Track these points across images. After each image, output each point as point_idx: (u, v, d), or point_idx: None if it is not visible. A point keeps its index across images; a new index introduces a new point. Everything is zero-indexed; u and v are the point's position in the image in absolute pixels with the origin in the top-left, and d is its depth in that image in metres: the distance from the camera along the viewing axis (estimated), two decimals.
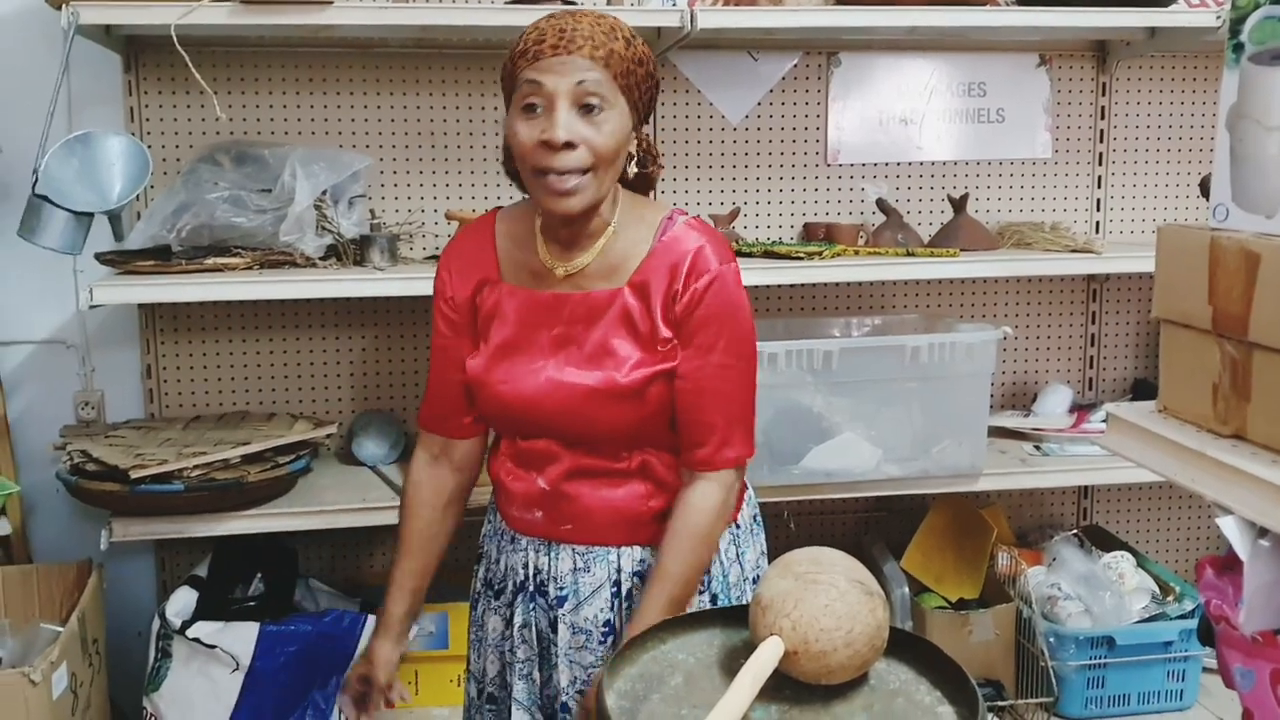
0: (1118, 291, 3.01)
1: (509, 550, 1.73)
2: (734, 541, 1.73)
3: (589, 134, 1.51)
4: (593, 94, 1.51)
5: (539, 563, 1.69)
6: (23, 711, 1.94)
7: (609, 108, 1.52)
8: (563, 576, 1.67)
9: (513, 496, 1.70)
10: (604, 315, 1.61)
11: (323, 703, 2.32)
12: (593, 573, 1.66)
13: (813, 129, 2.83)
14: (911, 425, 2.46)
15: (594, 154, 1.52)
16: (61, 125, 2.37)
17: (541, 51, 1.52)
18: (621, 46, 1.54)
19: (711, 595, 1.69)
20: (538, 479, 1.66)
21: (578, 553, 1.67)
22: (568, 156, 1.51)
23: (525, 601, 1.69)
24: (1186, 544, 3.14)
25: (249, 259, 2.32)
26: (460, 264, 1.70)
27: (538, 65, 1.52)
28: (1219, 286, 1.33)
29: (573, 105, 1.51)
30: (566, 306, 1.62)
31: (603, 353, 1.60)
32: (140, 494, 2.17)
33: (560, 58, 1.50)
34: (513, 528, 1.72)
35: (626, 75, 1.54)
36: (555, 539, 1.67)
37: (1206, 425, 1.37)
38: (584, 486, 1.64)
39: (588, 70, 1.51)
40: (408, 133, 2.66)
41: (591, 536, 1.66)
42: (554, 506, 1.66)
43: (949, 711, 1.25)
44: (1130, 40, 2.81)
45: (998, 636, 2.58)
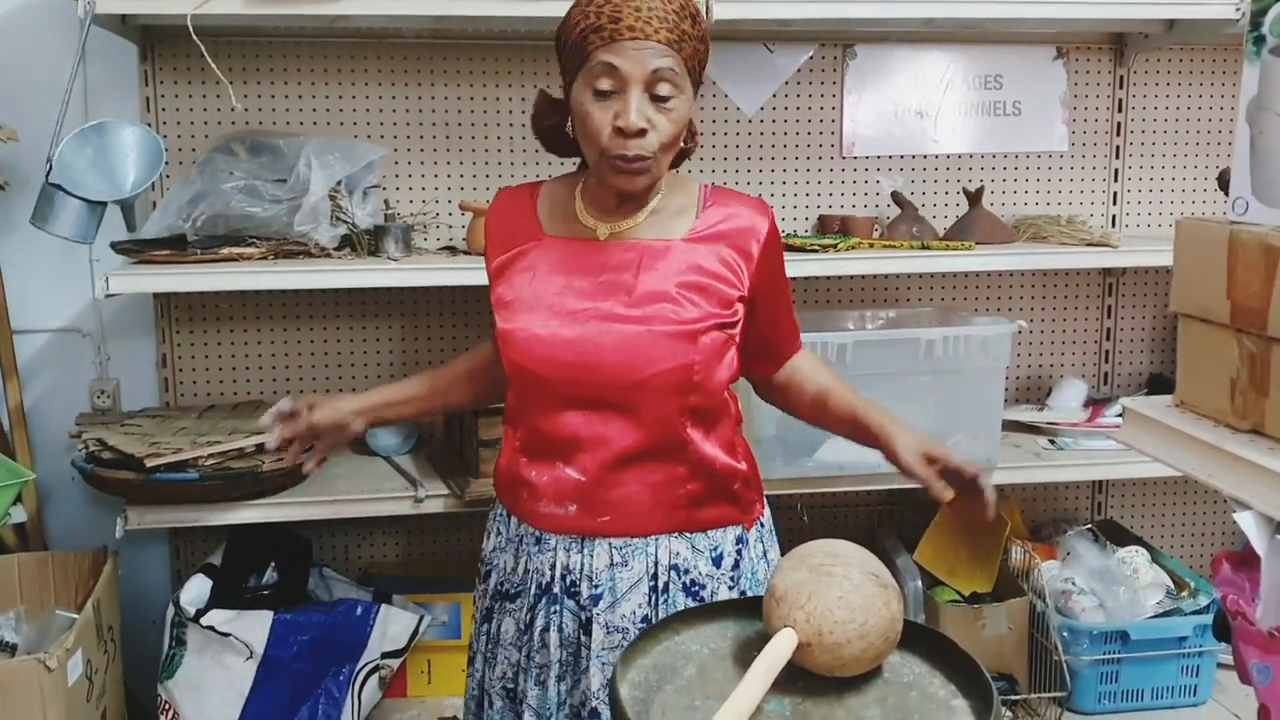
0: (1134, 285, 2.99)
1: (532, 553, 1.65)
2: (760, 539, 1.72)
3: (659, 120, 1.53)
4: (666, 80, 1.52)
5: (569, 562, 1.62)
6: (38, 698, 1.95)
7: (679, 93, 1.54)
8: (598, 574, 1.61)
9: (539, 491, 1.63)
10: (657, 263, 1.61)
11: (336, 691, 2.33)
12: (630, 567, 1.61)
13: (828, 121, 2.82)
14: (926, 418, 2.45)
15: (661, 140, 1.54)
16: (77, 114, 2.38)
17: (619, 33, 1.50)
18: (689, 25, 1.55)
19: (741, 592, 1.67)
20: (567, 469, 1.61)
21: (614, 547, 1.61)
22: (639, 142, 1.53)
23: (549, 604, 1.63)
24: (1201, 539, 3.13)
25: (264, 249, 2.32)
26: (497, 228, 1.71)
27: (613, 48, 1.51)
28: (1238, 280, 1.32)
29: (645, 90, 1.52)
30: (614, 253, 1.62)
31: (655, 297, 1.59)
32: (155, 482, 2.18)
33: (637, 42, 1.50)
34: (538, 526, 1.64)
35: (693, 56, 1.56)
36: (591, 533, 1.62)
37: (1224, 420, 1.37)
38: (626, 473, 1.60)
39: (663, 57, 1.51)
40: (422, 123, 2.66)
41: (630, 526, 1.61)
42: (591, 498, 1.60)
43: (963, 705, 1.25)
44: (1148, 32, 2.79)
45: (1011, 630, 2.57)
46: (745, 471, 1.71)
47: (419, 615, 2.45)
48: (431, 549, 2.81)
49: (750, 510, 1.72)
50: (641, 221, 1.64)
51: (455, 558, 2.79)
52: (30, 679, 1.94)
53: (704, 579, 1.65)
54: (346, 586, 2.61)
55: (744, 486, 1.70)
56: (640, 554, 1.62)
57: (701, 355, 1.58)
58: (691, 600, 1.63)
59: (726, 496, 1.67)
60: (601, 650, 1.61)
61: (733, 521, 1.68)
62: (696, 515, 1.64)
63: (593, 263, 1.62)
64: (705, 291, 1.60)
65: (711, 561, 1.66)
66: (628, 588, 1.62)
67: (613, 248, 1.63)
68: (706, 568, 1.65)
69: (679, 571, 1.63)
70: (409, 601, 2.54)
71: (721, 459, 1.65)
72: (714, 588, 1.65)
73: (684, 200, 1.67)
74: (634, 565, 1.62)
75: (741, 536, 1.69)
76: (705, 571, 1.65)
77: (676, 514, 1.63)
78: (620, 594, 1.62)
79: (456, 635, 2.54)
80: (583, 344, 1.57)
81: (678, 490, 1.63)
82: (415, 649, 2.46)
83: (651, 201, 1.64)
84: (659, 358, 1.56)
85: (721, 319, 1.60)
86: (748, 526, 1.70)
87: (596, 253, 1.63)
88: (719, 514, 1.67)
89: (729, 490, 1.67)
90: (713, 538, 1.66)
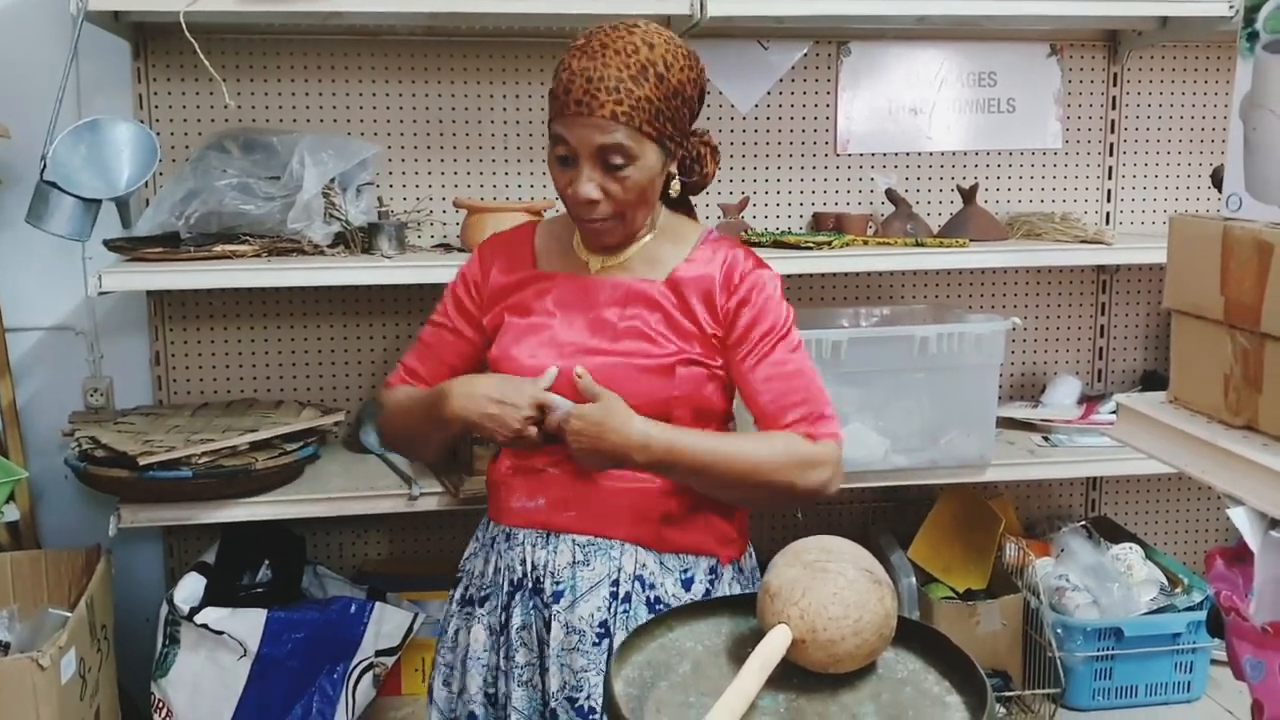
0: (1127, 282, 3.00)
1: (503, 550, 1.69)
2: (737, 579, 1.71)
3: (613, 189, 1.57)
4: (615, 152, 1.55)
5: (535, 557, 1.65)
6: (31, 696, 1.94)
7: (633, 160, 1.56)
8: (560, 570, 1.63)
9: (514, 490, 1.68)
10: (639, 302, 1.64)
11: (330, 689, 2.32)
12: (592, 567, 1.63)
13: (822, 118, 2.82)
14: (920, 415, 2.45)
15: (617, 205, 1.58)
16: (70, 112, 2.37)
17: (567, 106, 1.54)
18: (651, 89, 1.54)
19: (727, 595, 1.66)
20: (547, 466, 1.65)
21: (578, 544, 1.64)
22: (593, 210, 1.59)
23: (524, 600, 1.65)
24: (1195, 536, 3.13)
25: (257, 246, 2.32)
26: (496, 253, 1.76)
27: (563, 120, 1.56)
28: (1231, 277, 1.32)
29: (595, 163, 1.56)
30: (603, 291, 1.66)
31: (635, 334, 1.63)
32: (148, 480, 2.17)
33: (582, 118, 1.53)
34: (509, 523, 1.69)
35: (655, 119, 1.55)
36: (555, 529, 1.65)
37: (1218, 416, 1.37)
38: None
39: (608, 132, 1.53)
40: (416, 120, 2.65)
41: (594, 525, 1.63)
42: (559, 491, 1.64)
43: (957, 701, 1.25)
44: (1142, 29, 2.80)
45: (1005, 627, 2.58)
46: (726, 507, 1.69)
47: (413, 613, 2.45)
48: (426, 547, 2.81)
49: (727, 545, 1.70)
50: (631, 257, 1.68)
51: (449, 556, 2.75)
52: (23, 677, 1.94)
53: (670, 599, 1.64)
54: (340, 584, 2.61)
55: (723, 519, 1.69)
56: (604, 556, 1.63)
57: (680, 389, 1.62)
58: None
59: (702, 523, 1.67)
60: (560, 650, 1.62)
61: (706, 551, 1.68)
62: (666, 534, 1.65)
63: (583, 301, 1.67)
64: (680, 331, 1.64)
65: (681, 584, 1.65)
66: (588, 588, 1.62)
67: (602, 286, 1.67)
68: (675, 588, 1.65)
69: (644, 584, 1.63)
70: (403, 599, 2.53)
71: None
72: None
73: (679, 245, 1.69)
74: (596, 566, 1.63)
75: (715, 568, 1.68)
76: (673, 592, 1.65)
77: (645, 527, 1.64)
78: (580, 593, 1.62)
79: None
80: (566, 376, 1.61)
81: (650, 502, 1.63)
82: (409, 647, 2.46)
83: (645, 238, 1.68)
84: (637, 391, 1.59)
85: (695, 357, 1.63)
86: (723, 561, 1.69)
87: (586, 291, 1.67)
88: (691, 541, 1.67)
89: (705, 517, 1.67)
90: (684, 560, 1.66)
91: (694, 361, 1.63)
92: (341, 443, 2.67)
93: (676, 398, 1.62)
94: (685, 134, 1.64)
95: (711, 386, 1.65)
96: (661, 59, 1.56)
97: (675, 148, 1.62)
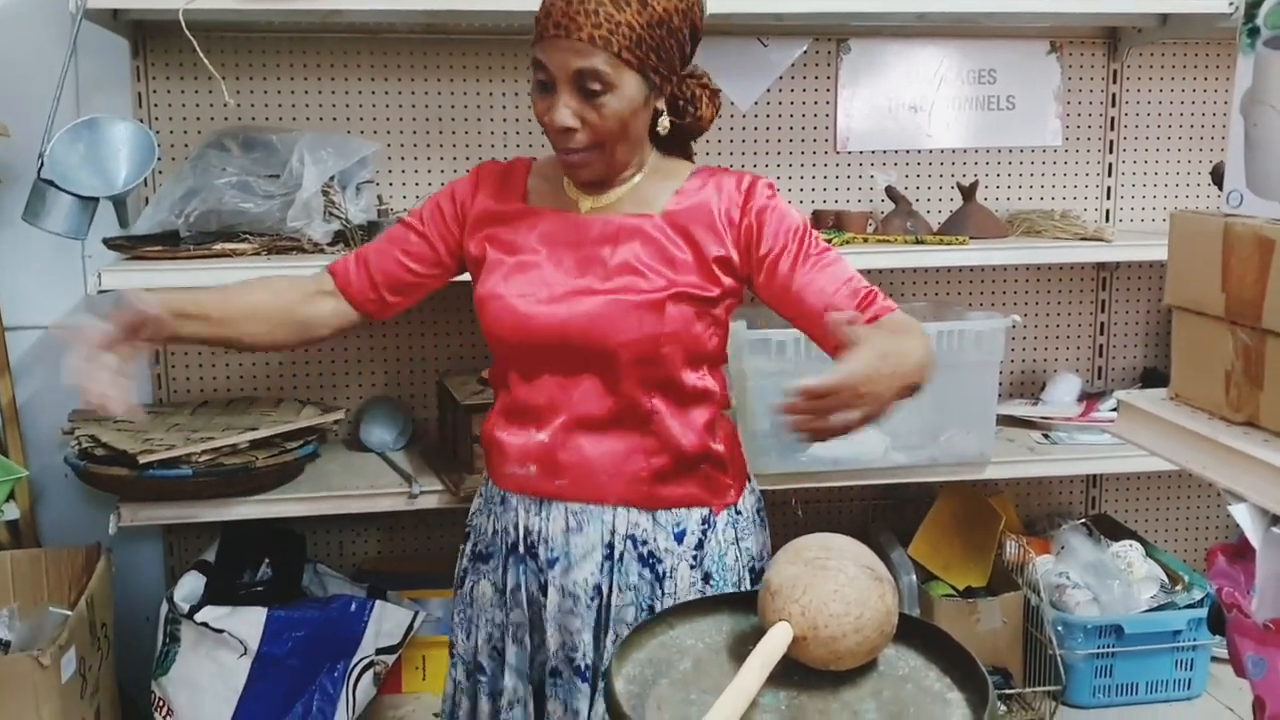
0: (1127, 280, 3.00)
1: (499, 513, 1.71)
2: (733, 524, 1.71)
3: (591, 117, 1.54)
4: (592, 78, 1.51)
5: (529, 523, 1.67)
6: (32, 694, 1.94)
7: (611, 88, 1.53)
8: (554, 538, 1.65)
9: (507, 454, 1.67)
10: (633, 238, 1.62)
11: (330, 687, 2.32)
12: (585, 533, 1.64)
13: (822, 116, 2.82)
14: (919, 413, 2.45)
15: (595, 134, 1.55)
16: (69, 110, 2.36)
17: (546, 29, 1.52)
18: (633, 14, 1.51)
19: (704, 573, 1.67)
20: (535, 433, 1.64)
21: (571, 511, 1.65)
22: (571, 138, 1.56)
23: (516, 564, 1.68)
24: (1195, 533, 3.13)
25: (257, 245, 2.32)
26: (489, 180, 1.73)
27: (542, 45, 1.53)
28: (1232, 273, 1.32)
29: (573, 89, 1.53)
30: (593, 228, 1.65)
31: (626, 270, 1.61)
32: (148, 479, 2.17)
33: (560, 40, 1.51)
34: (503, 487, 1.70)
35: (637, 46, 1.52)
36: (548, 496, 1.65)
37: (1219, 412, 1.37)
38: (585, 438, 1.63)
39: (586, 56, 1.50)
40: (415, 118, 2.65)
41: (586, 492, 1.64)
42: (550, 459, 1.64)
43: (958, 698, 1.25)
44: (1142, 26, 2.79)
45: (1005, 624, 2.58)
46: (720, 453, 1.69)
47: (413, 611, 2.45)
48: (426, 545, 2.81)
49: (721, 494, 1.70)
50: (622, 197, 1.66)
51: (450, 554, 2.74)
52: (24, 676, 1.94)
53: (663, 553, 1.65)
54: (341, 583, 2.61)
55: (715, 468, 1.69)
56: (596, 521, 1.65)
57: (670, 326, 1.60)
58: (648, 571, 1.65)
59: (694, 477, 1.67)
60: (556, 613, 1.66)
61: (698, 503, 1.68)
62: (658, 491, 1.65)
63: (573, 237, 1.65)
64: (674, 263, 1.61)
65: (674, 537, 1.66)
66: (582, 554, 1.65)
67: (593, 222, 1.65)
68: (666, 542, 1.66)
69: (635, 541, 1.65)
70: (403, 597, 2.53)
71: (691, 438, 1.65)
72: (673, 563, 1.66)
73: (670, 180, 1.68)
74: (589, 531, 1.65)
75: (707, 518, 1.69)
76: (665, 546, 1.66)
77: (637, 487, 1.64)
78: (575, 560, 1.65)
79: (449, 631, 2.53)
80: (555, 315, 1.61)
81: (640, 463, 1.64)
82: (410, 645, 2.46)
83: (635, 179, 1.67)
84: (626, 327, 1.58)
85: (690, 290, 1.61)
86: (716, 509, 1.70)
87: (577, 228, 1.65)
88: (684, 494, 1.67)
89: (697, 471, 1.67)
90: (676, 515, 1.67)
91: (685, 296, 1.60)
92: (341, 441, 2.67)
93: (667, 334, 1.60)
94: (673, 69, 1.60)
95: (700, 326, 1.63)
96: None
97: (661, 81, 1.59)
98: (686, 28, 1.59)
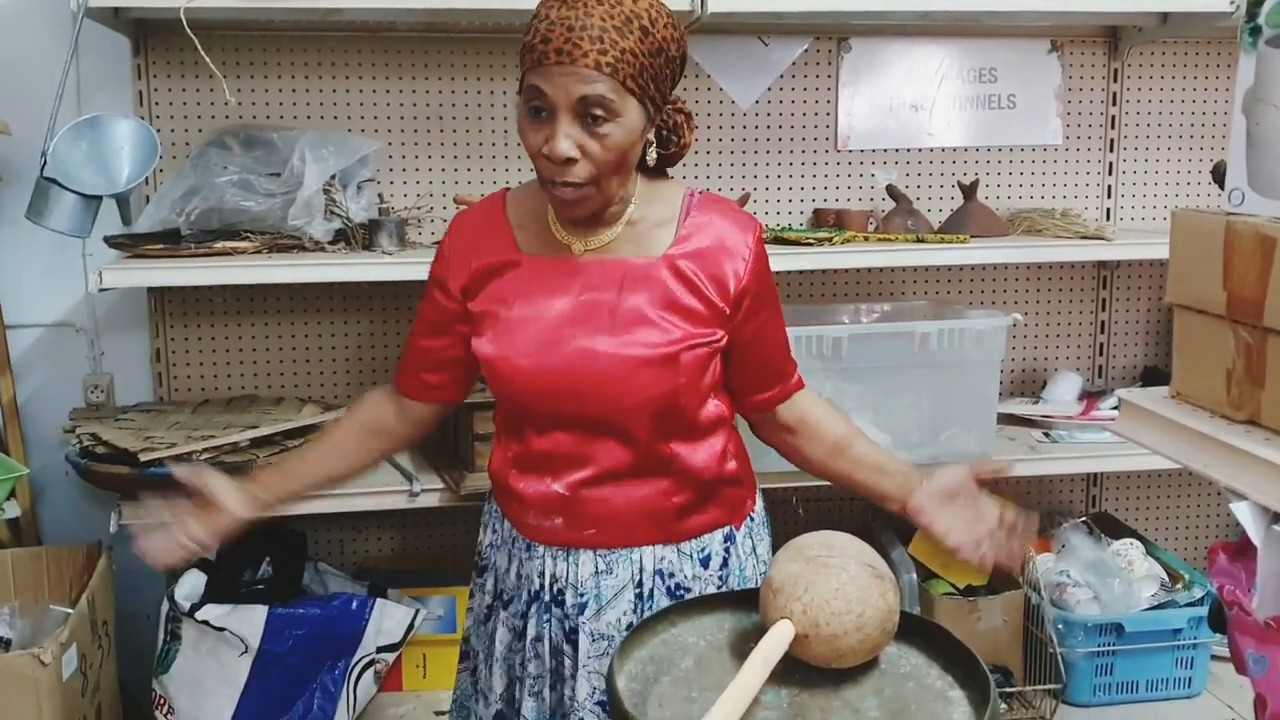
0: (1128, 278, 3.00)
1: (523, 558, 1.64)
2: (749, 534, 1.71)
3: (592, 147, 1.45)
4: (597, 105, 1.43)
5: (556, 570, 1.61)
6: (33, 692, 1.94)
7: (615, 116, 1.44)
8: (583, 582, 1.59)
9: (526, 503, 1.62)
10: (639, 285, 1.55)
11: (331, 685, 2.32)
12: (615, 574, 1.60)
13: (823, 114, 2.82)
14: (920, 411, 2.45)
15: (596, 166, 1.47)
16: (70, 108, 2.36)
17: (546, 55, 1.43)
18: (635, 41, 1.44)
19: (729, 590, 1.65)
20: (552, 484, 1.59)
21: (599, 555, 1.60)
22: (569, 170, 1.46)
23: (540, 613, 1.62)
24: (1196, 532, 3.13)
25: (258, 243, 2.32)
26: (464, 247, 1.63)
27: (541, 71, 1.44)
28: (1234, 271, 1.32)
29: (575, 118, 1.44)
30: (594, 272, 1.56)
31: (636, 320, 1.54)
32: (149, 477, 2.17)
33: (564, 67, 1.42)
34: (528, 537, 1.63)
35: (640, 74, 1.45)
36: (577, 545, 1.61)
37: (1220, 411, 1.37)
38: (606, 489, 1.58)
39: (592, 83, 1.42)
40: (416, 117, 2.65)
41: (615, 539, 1.60)
42: (575, 512, 1.59)
43: (960, 696, 1.25)
44: (1143, 25, 2.79)
45: (1006, 623, 2.58)
46: (735, 471, 1.68)
47: (414, 609, 2.45)
48: (427, 543, 2.81)
49: (740, 509, 1.70)
50: (619, 235, 1.57)
51: (451, 552, 2.78)
52: (25, 674, 1.94)
53: (690, 581, 1.63)
54: (342, 581, 2.61)
55: (734, 487, 1.68)
56: (625, 561, 1.61)
57: (685, 377, 1.55)
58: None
59: (715, 502, 1.66)
60: (588, 659, 1.59)
61: (721, 524, 1.67)
62: (683, 525, 1.63)
63: (573, 283, 1.56)
64: (686, 313, 1.55)
65: (699, 564, 1.65)
66: (613, 595, 1.60)
67: (593, 266, 1.56)
68: (693, 570, 1.64)
69: (664, 576, 1.62)
70: (404, 596, 2.54)
71: (711, 468, 1.63)
72: (700, 589, 1.64)
73: (665, 211, 1.59)
74: (619, 573, 1.61)
75: (730, 535, 1.68)
76: (691, 574, 1.64)
77: (664, 527, 1.62)
78: (605, 601, 1.60)
79: (452, 629, 2.54)
80: (566, 374, 1.54)
81: (664, 503, 1.61)
82: (411, 643, 2.46)
83: (626, 214, 1.57)
84: (642, 385, 1.52)
85: (700, 339, 1.56)
86: (737, 526, 1.69)
87: (576, 273, 1.57)
88: (708, 520, 1.65)
89: (718, 495, 1.66)
90: (701, 541, 1.65)
91: (697, 344, 1.56)
92: None
93: (683, 386, 1.55)
94: (665, 99, 1.53)
95: (709, 364, 1.59)
96: (646, 13, 1.45)
97: (655, 112, 1.51)
98: (679, 57, 1.53)
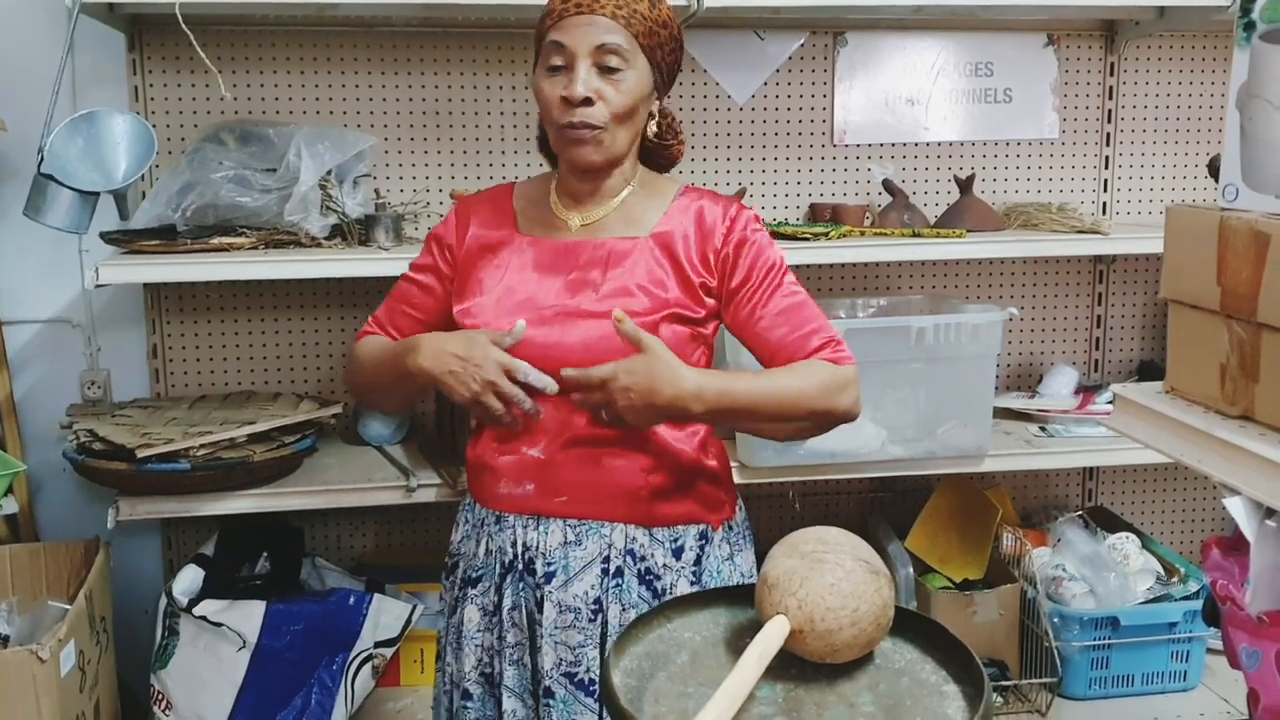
0: (1124, 273, 3.00)
1: (493, 533, 1.69)
2: (727, 539, 1.72)
3: (607, 91, 1.59)
4: (612, 53, 1.58)
5: (526, 539, 1.65)
6: (31, 689, 1.94)
7: (628, 67, 1.59)
8: (551, 551, 1.64)
9: (499, 473, 1.67)
10: (624, 260, 1.65)
11: (329, 680, 2.33)
12: (584, 546, 1.64)
13: (819, 109, 2.82)
14: (916, 406, 2.46)
15: (611, 110, 1.59)
16: (66, 104, 2.36)
17: (566, 10, 1.59)
18: (645, 7, 1.61)
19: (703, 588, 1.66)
20: (528, 450, 1.64)
21: (569, 525, 1.64)
22: (586, 111, 1.58)
23: (514, 581, 1.66)
24: (1191, 525, 3.14)
25: (254, 239, 2.32)
26: (473, 211, 1.75)
27: (561, 25, 1.59)
28: (1228, 267, 1.33)
29: (593, 64, 1.58)
30: (584, 252, 1.66)
31: (618, 292, 1.63)
32: (147, 473, 2.18)
33: (583, 17, 1.58)
34: (498, 508, 1.68)
35: (649, 35, 1.61)
36: (546, 513, 1.65)
37: (1214, 406, 1.37)
38: (582, 454, 1.62)
39: (608, 31, 1.58)
40: (412, 112, 2.65)
41: (586, 510, 1.64)
42: (548, 477, 1.64)
43: (954, 690, 1.25)
44: (1139, 19, 2.79)
45: (1002, 617, 2.58)
46: (714, 469, 1.71)
47: (412, 604, 2.45)
48: (424, 538, 2.81)
49: (717, 510, 1.72)
50: (613, 212, 1.69)
51: (448, 547, 2.78)
52: (23, 670, 1.94)
53: (660, 569, 1.65)
54: (339, 576, 2.61)
55: (711, 485, 1.70)
56: (595, 535, 1.64)
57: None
58: (646, 589, 1.65)
59: (691, 493, 1.68)
60: (554, 629, 1.64)
61: (696, 520, 1.69)
62: (657, 509, 1.65)
63: (564, 262, 1.67)
64: (664, 284, 1.64)
65: (671, 553, 1.66)
66: (580, 567, 1.64)
67: (584, 246, 1.67)
68: (665, 558, 1.66)
69: (634, 557, 1.64)
70: (401, 591, 2.54)
71: (689, 454, 1.66)
72: (672, 579, 1.66)
73: (658, 199, 1.71)
74: (588, 545, 1.64)
75: (705, 534, 1.69)
76: (663, 561, 1.66)
77: (637, 506, 1.64)
78: (573, 573, 1.64)
79: None
80: (547, 340, 1.61)
81: (638, 481, 1.64)
82: (408, 638, 2.46)
83: (623, 192, 1.69)
84: (620, 350, 1.55)
85: (681, 310, 1.63)
86: (714, 526, 1.70)
87: (568, 253, 1.67)
88: (683, 510, 1.68)
89: (694, 487, 1.68)
90: (674, 531, 1.67)
91: (678, 318, 1.63)
92: (339, 435, 2.67)
93: None
94: (664, 79, 1.67)
95: (692, 347, 1.65)
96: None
97: (660, 80, 1.66)
98: (679, 50, 1.69)
